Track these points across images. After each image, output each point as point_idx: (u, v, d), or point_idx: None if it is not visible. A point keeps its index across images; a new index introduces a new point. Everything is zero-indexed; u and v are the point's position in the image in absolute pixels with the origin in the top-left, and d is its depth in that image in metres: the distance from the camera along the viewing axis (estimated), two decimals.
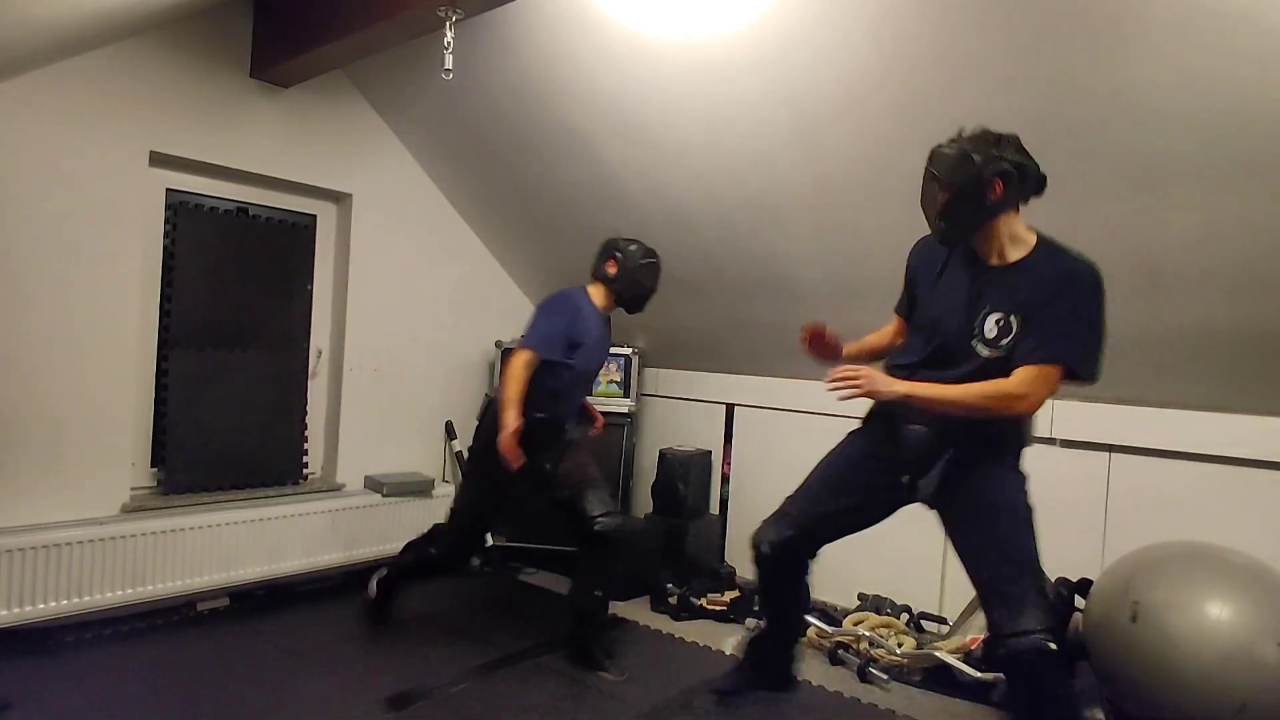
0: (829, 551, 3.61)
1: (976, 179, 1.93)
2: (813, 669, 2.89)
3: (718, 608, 3.39)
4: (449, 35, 2.62)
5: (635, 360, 4.10)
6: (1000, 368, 1.98)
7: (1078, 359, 1.93)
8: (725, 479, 4.01)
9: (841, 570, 3.53)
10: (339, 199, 3.79)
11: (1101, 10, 2.07)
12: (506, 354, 4.08)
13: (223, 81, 3.24)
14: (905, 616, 3.19)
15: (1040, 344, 1.92)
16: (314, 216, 3.76)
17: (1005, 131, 1.98)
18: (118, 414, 3.03)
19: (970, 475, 2.06)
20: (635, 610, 3.45)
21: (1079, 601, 2.79)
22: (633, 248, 2.88)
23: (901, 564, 3.38)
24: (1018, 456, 2.10)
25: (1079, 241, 2.55)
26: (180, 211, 3.29)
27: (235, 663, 2.73)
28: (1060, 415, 3.00)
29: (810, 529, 2.35)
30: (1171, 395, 2.78)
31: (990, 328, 2.00)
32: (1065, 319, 1.92)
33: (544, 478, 2.81)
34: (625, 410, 4.07)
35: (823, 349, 2.39)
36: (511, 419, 2.61)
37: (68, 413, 2.89)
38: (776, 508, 2.44)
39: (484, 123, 3.57)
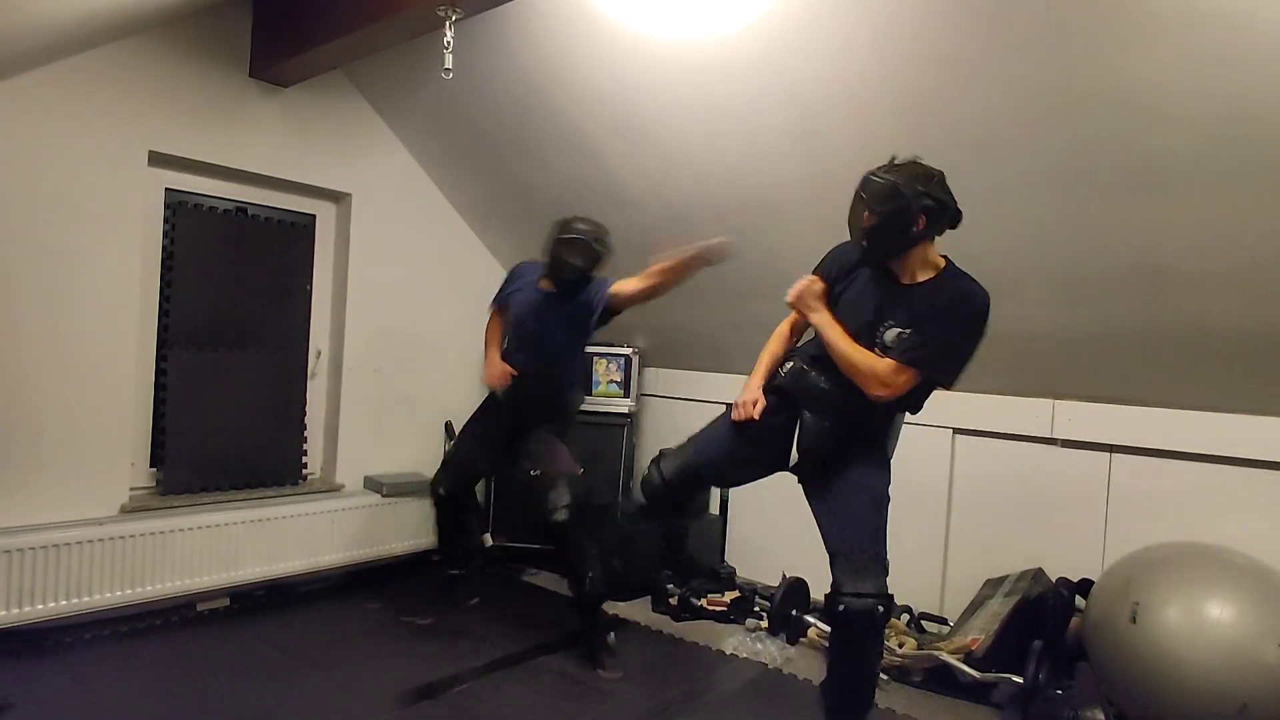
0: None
1: (904, 211, 2.07)
2: (812, 669, 2.89)
3: (718, 608, 3.39)
4: (449, 35, 2.61)
5: (635, 360, 4.09)
6: None
7: (937, 368, 2.11)
8: None
9: None
10: (338, 198, 3.78)
11: (1103, 11, 2.06)
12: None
13: (222, 81, 3.23)
14: (906, 617, 3.19)
15: (914, 346, 2.09)
16: (313, 216, 3.76)
17: (934, 168, 2.13)
18: (117, 414, 3.02)
19: (846, 457, 2.26)
20: (635, 610, 3.45)
21: (1079, 602, 2.79)
22: (567, 225, 3.01)
23: (902, 565, 3.35)
24: (886, 452, 2.31)
25: (1081, 241, 2.57)
26: (179, 211, 3.28)
27: (235, 663, 2.73)
28: (1061, 415, 3.00)
29: (698, 469, 2.53)
30: (1172, 395, 2.77)
31: (891, 338, 2.15)
32: (945, 331, 2.09)
33: (515, 440, 3.15)
34: (625, 410, 4.06)
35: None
36: (491, 355, 3.18)
37: (67, 413, 2.89)
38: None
39: (484, 122, 3.57)
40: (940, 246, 2.91)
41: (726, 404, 4.02)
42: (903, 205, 2.07)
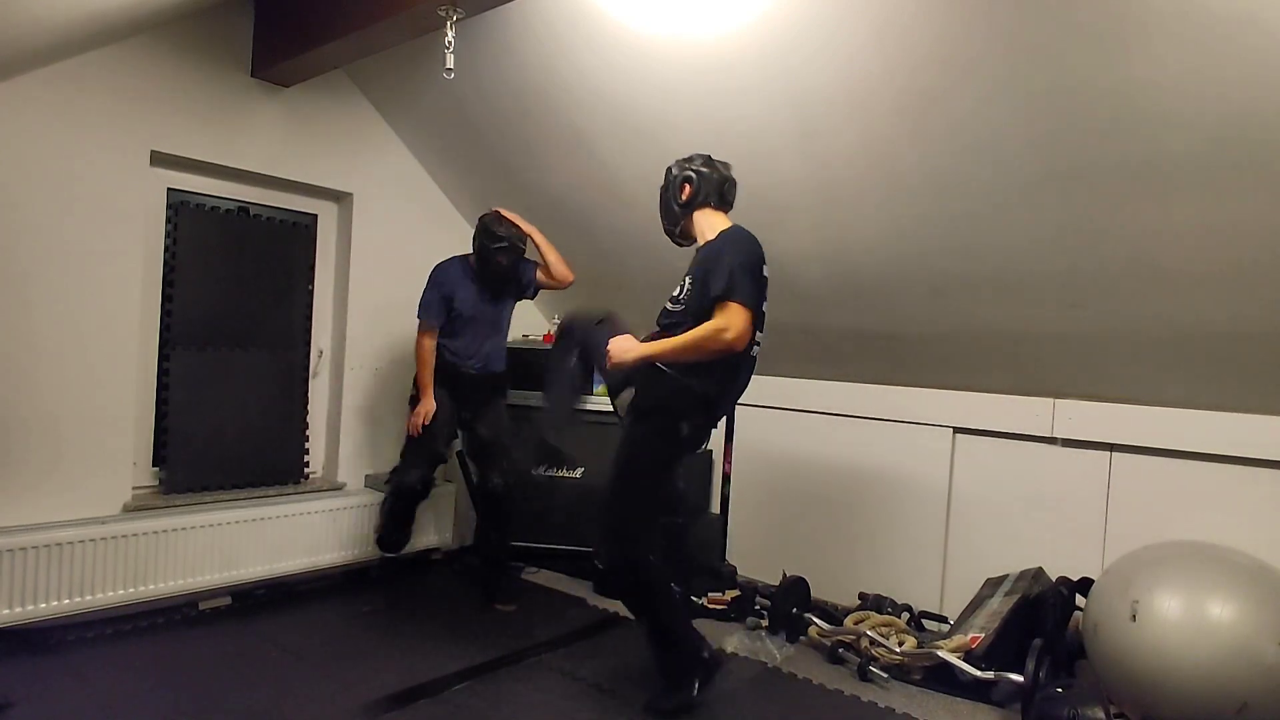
0: (830, 550, 3.63)
1: (671, 184, 2.60)
2: (813, 667, 2.90)
3: (718, 607, 3.39)
4: (450, 34, 2.62)
5: None
6: (676, 319, 2.45)
7: (732, 291, 2.33)
8: (726, 478, 4.02)
9: (842, 569, 3.54)
10: (340, 198, 3.79)
11: (1103, 11, 2.07)
12: (506, 353, 4.08)
13: (224, 81, 3.24)
14: (906, 615, 3.20)
15: (713, 289, 2.35)
16: (315, 216, 3.76)
17: (704, 154, 2.63)
18: (119, 413, 3.03)
19: (627, 413, 2.54)
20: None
21: (1080, 601, 2.79)
22: (491, 232, 3.34)
23: (902, 563, 3.39)
24: (659, 419, 2.45)
25: (1081, 241, 2.57)
26: (181, 211, 3.29)
27: (236, 662, 2.73)
28: (1061, 414, 3.01)
29: None
30: (1172, 395, 2.78)
31: (678, 290, 2.50)
32: (719, 267, 2.37)
33: (462, 421, 3.47)
34: None
35: None
36: (426, 397, 3.34)
37: (69, 412, 2.90)
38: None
39: (485, 122, 3.57)
40: (942, 245, 2.93)
41: None
42: (670, 180, 2.61)
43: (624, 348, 2.44)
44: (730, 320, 2.30)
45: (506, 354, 3.58)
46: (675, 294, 2.50)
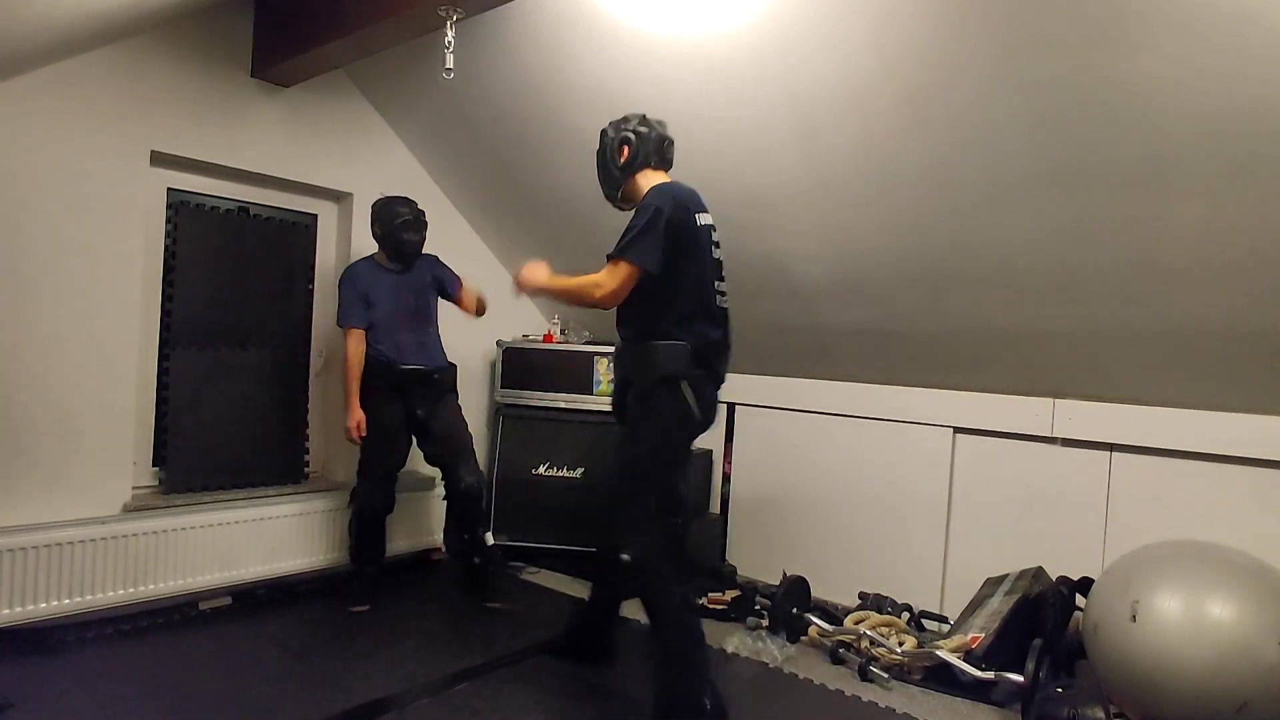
0: (830, 550, 3.63)
1: (608, 146, 2.54)
2: (813, 667, 2.90)
3: (719, 607, 3.39)
4: (450, 34, 2.62)
5: None
6: None
7: (618, 250, 2.35)
8: (726, 479, 4.02)
9: (842, 569, 3.54)
10: (340, 198, 3.79)
11: (1102, 5, 2.06)
12: (507, 353, 4.10)
13: (223, 81, 3.24)
14: (906, 615, 3.19)
15: (617, 245, 2.38)
16: (315, 216, 3.77)
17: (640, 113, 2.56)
18: (119, 413, 3.03)
19: (631, 405, 2.48)
20: (636, 609, 3.44)
21: (1079, 601, 2.79)
22: (393, 208, 3.34)
23: (902, 563, 3.39)
24: (664, 395, 2.40)
25: (1080, 240, 2.57)
26: (181, 211, 3.29)
27: (237, 662, 2.73)
28: (1061, 414, 3.01)
29: None
30: (1172, 395, 2.78)
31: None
32: (629, 223, 2.38)
33: (417, 421, 3.34)
34: None
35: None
36: (353, 407, 3.25)
37: (69, 412, 2.90)
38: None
39: (485, 122, 3.57)
40: (941, 242, 2.93)
41: (729, 404, 4.06)
42: (606, 141, 2.54)
43: (531, 274, 2.48)
44: (606, 279, 2.34)
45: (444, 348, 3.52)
46: None
